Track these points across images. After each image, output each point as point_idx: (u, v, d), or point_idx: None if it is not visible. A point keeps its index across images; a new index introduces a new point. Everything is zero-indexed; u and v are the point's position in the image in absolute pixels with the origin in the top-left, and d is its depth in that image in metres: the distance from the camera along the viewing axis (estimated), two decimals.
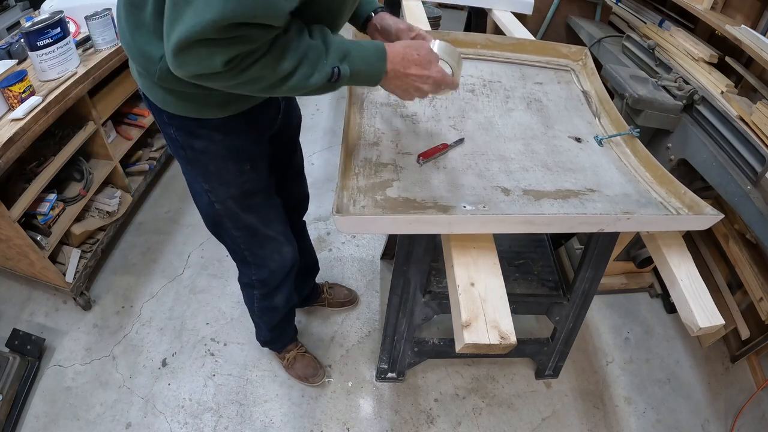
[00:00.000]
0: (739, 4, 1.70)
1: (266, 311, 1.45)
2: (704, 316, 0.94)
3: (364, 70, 0.84)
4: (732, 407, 1.75)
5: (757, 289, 1.61)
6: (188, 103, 0.93)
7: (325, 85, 0.80)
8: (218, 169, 1.05)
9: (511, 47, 1.51)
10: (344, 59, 0.80)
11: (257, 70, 0.72)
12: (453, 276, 0.90)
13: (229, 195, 1.10)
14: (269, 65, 0.73)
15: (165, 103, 0.94)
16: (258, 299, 1.40)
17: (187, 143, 1.00)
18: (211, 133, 0.99)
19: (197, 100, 0.93)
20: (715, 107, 1.43)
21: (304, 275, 1.71)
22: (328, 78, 0.78)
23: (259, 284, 1.34)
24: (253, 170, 1.10)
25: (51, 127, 1.50)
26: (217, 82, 0.73)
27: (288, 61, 0.74)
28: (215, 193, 1.10)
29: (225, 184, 1.08)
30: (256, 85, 0.75)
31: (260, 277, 1.32)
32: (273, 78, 0.74)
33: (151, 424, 1.54)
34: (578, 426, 1.65)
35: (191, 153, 1.02)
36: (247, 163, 1.08)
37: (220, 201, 1.11)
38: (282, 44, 0.73)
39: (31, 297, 1.88)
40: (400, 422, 1.60)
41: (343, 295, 1.90)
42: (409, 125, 1.18)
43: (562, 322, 1.50)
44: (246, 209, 1.15)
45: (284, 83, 0.76)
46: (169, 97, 0.93)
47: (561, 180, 1.09)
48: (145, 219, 2.23)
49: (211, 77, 0.71)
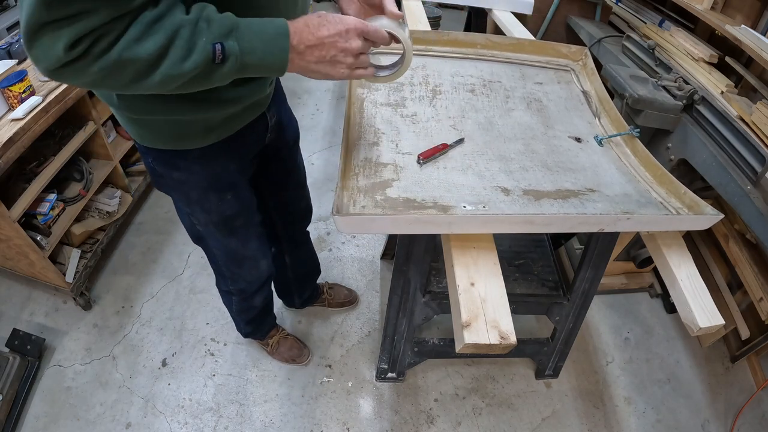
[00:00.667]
0: (739, 4, 1.69)
1: (244, 311, 1.49)
2: (704, 316, 0.93)
3: (260, 49, 0.67)
4: (732, 407, 1.75)
5: (757, 289, 1.61)
6: (164, 134, 0.88)
7: (208, 69, 0.64)
8: (199, 197, 1.03)
9: (511, 47, 1.51)
10: (230, 35, 0.64)
11: (116, 54, 0.58)
12: (453, 276, 0.90)
13: (210, 221, 1.09)
14: (129, 47, 0.59)
15: (141, 137, 0.90)
16: (236, 303, 1.44)
17: (167, 173, 0.97)
18: (191, 164, 0.95)
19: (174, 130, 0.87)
20: (715, 107, 1.43)
21: (306, 279, 1.72)
22: (209, 58, 0.63)
23: (238, 292, 1.37)
24: (235, 198, 1.07)
25: (51, 127, 1.50)
26: (78, 77, 0.60)
27: (152, 41, 0.60)
28: (196, 216, 1.09)
29: (206, 211, 1.07)
30: (122, 76, 0.61)
31: (238, 287, 1.35)
32: (139, 64, 0.60)
33: (151, 424, 1.54)
34: (578, 426, 1.65)
35: (171, 181, 0.99)
36: (229, 192, 1.05)
37: (201, 224, 1.11)
38: (144, 21, 0.59)
39: (31, 297, 1.88)
40: (400, 422, 1.60)
41: (343, 296, 1.91)
42: (409, 125, 1.18)
43: (562, 322, 1.50)
44: (226, 234, 1.14)
45: (154, 70, 0.62)
46: (143, 130, 0.88)
47: (561, 180, 1.09)
48: (145, 219, 2.23)
49: (68, 70, 0.58)
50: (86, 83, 0.62)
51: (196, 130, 0.89)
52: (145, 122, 0.86)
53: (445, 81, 1.36)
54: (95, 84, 0.62)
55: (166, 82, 0.64)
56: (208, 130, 0.90)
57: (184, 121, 0.86)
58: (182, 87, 0.66)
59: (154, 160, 0.95)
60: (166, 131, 0.88)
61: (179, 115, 0.83)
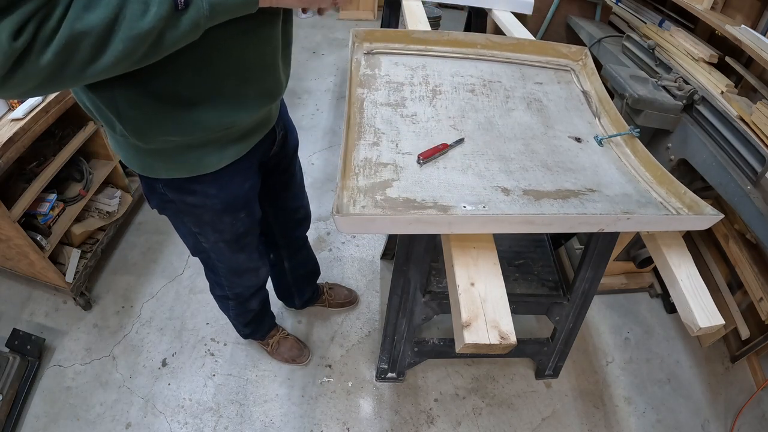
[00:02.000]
0: (739, 4, 1.69)
1: (241, 315, 1.49)
2: (704, 316, 0.93)
3: None
4: (732, 407, 1.75)
5: (757, 289, 1.61)
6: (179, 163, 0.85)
7: (174, 20, 0.58)
8: (212, 219, 1.01)
9: (511, 47, 1.51)
10: None
11: (67, 30, 0.51)
12: (453, 276, 0.90)
13: (221, 239, 1.08)
14: (79, 17, 0.52)
15: (155, 171, 0.86)
16: (233, 307, 1.44)
17: (179, 198, 0.94)
18: (206, 188, 0.92)
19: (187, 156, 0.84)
20: (715, 107, 1.43)
21: (306, 281, 1.72)
22: (171, 6, 0.56)
23: (234, 296, 1.37)
24: (248, 215, 1.07)
25: (51, 127, 1.50)
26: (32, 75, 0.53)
27: (103, 3, 0.53)
28: (205, 236, 1.07)
29: (218, 231, 1.05)
30: (80, 56, 0.54)
31: (235, 292, 1.35)
32: (94, 36, 0.53)
33: (151, 424, 1.54)
34: (578, 426, 1.65)
35: (183, 206, 0.96)
36: (243, 211, 1.04)
37: (209, 242, 1.09)
38: None
39: (31, 297, 1.88)
40: (400, 422, 1.60)
41: (343, 296, 1.91)
42: (409, 125, 1.18)
43: (562, 322, 1.50)
44: (236, 251, 1.14)
45: (113, 37, 0.54)
46: (158, 163, 0.85)
47: (561, 180, 1.09)
48: (145, 219, 2.23)
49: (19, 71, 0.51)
50: (43, 82, 0.54)
51: (210, 153, 0.86)
52: (157, 152, 0.83)
53: (445, 81, 1.36)
54: (53, 81, 0.55)
55: (130, 49, 0.56)
56: (220, 152, 0.88)
57: (196, 145, 0.84)
58: (151, 51, 0.59)
59: (164, 187, 0.92)
60: (179, 159, 0.85)
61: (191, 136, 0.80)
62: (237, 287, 1.32)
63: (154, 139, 0.78)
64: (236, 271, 1.24)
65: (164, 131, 0.78)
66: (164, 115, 0.75)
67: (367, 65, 1.38)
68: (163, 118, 0.76)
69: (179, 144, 0.82)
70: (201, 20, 0.60)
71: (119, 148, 0.88)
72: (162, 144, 0.81)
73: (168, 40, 0.59)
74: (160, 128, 0.77)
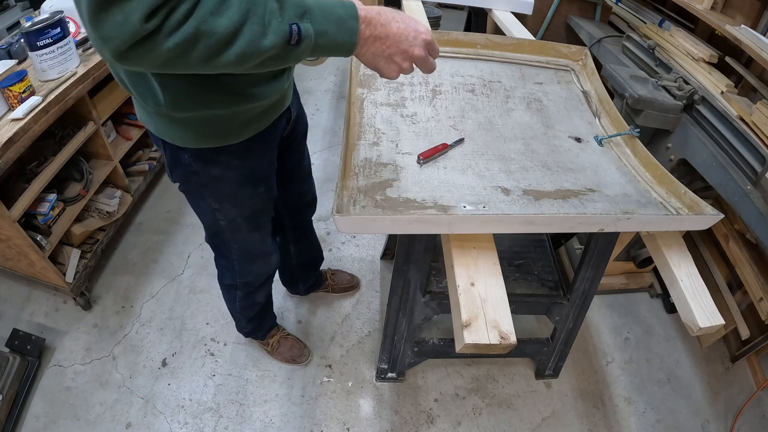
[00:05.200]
0: (739, 4, 1.69)
1: (246, 307, 1.49)
2: (704, 316, 0.94)
3: (332, 31, 0.67)
4: (732, 407, 1.75)
5: (757, 289, 1.61)
6: (207, 133, 0.90)
7: (284, 50, 0.64)
8: (233, 192, 1.04)
9: (511, 47, 1.51)
10: (304, 16, 0.64)
11: (192, 27, 0.57)
12: (453, 276, 0.90)
13: (239, 214, 1.10)
14: (206, 20, 0.57)
15: (184, 140, 0.91)
16: (240, 298, 1.43)
17: (203, 170, 0.98)
18: (230, 159, 0.97)
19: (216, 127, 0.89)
20: (715, 107, 1.43)
21: (310, 267, 1.76)
22: (286, 39, 0.63)
23: (243, 285, 1.37)
24: (266, 191, 1.11)
25: (51, 127, 1.49)
26: (149, 57, 0.58)
27: (227, 15, 0.58)
28: (224, 212, 1.09)
29: (237, 206, 1.08)
30: (194, 53, 0.59)
31: (245, 280, 1.35)
32: (213, 40, 0.59)
33: (151, 424, 1.54)
34: (578, 426, 1.65)
35: (206, 178, 1.00)
36: (262, 185, 1.08)
37: (227, 219, 1.11)
38: None
39: (31, 297, 1.88)
40: (400, 422, 1.60)
41: (346, 281, 1.93)
42: (409, 125, 1.18)
43: (562, 322, 1.50)
44: (253, 228, 1.16)
45: (231, 45, 0.60)
46: (187, 133, 0.89)
47: (561, 180, 1.09)
48: (145, 219, 2.23)
49: (140, 49, 0.56)
50: (155, 64, 0.59)
51: (236, 125, 0.91)
52: (188, 121, 0.87)
53: (445, 81, 1.36)
54: (165, 64, 0.60)
55: (240, 61, 0.62)
56: (245, 125, 0.92)
57: (226, 117, 0.88)
58: (257, 66, 0.65)
59: (191, 158, 0.95)
60: (208, 129, 0.89)
61: (222, 110, 0.84)
62: (248, 275, 1.32)
63: (190, 110, 0.82)
64: (249, 254, 1.25)
65: (204, 103, 0.81)
66: (207, 88, 0.79)
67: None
68: (205, 91, 0.80)
69: (209, 116, 0.86)
70: (303, 54, 0.67)
71: (149, 119, 0.91)
72: (194, 115, 0.85)
73: (269, 64, 0.66)
74: (200, 100, 0.81)
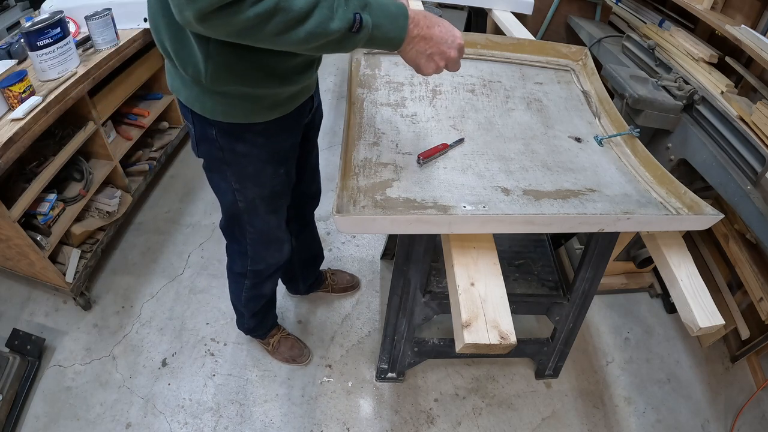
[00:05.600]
0: (739, 4, 1.69)
1: (252, 299, 1.48)
2: (704, 316, 0.94)
3: (386, 25, 0.76)
4: (732, 407, 1.75)
5: (757, 289, 1.61)
6: (237, 108, 0.92)
7: (345, 35, 0.72)
8: (256, 171, 1.06)
9: (511, 47, 1.51)
10: (365, 8, 0.73)
11: (272, 2, 0.64)
12: (453, 276, 0.90)
13: (259, 195, 1.11)
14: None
15: (214, 113, 0.93)
16: (247, 288, 1.42)
17: (229, 146, 1.00)
18: (256, 137, 0.99)
19: (247, 104, 0.92)
20: (715, 107, 1.43)
21: (310, 264, 1.76)
22: (349, 25, 0.71)
23: (252, 274, 1.36)
24: (286, 174, 1.12)
25: (51, 127, 1.50)
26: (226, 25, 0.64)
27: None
28: (244, 192, 1.10)
29: (258, 185, 1.09)
30: (269, 27, 0.66)
31: (255, 268, 1.34)
32: (289, 17, 0.66)
33: (151, 424, 1.54)
34: (578, 426, 1.65)
35: (230, 155, 1.02)
36: (283, 166, 1.09)
37: (246, 200, 1.12)
38: None
39: (31, 297, 1.88)
40: (400, 422, 1.60)
41: (346, 281, 1.94)
42: (409, 125, 1.18)
43: (562, 322, 1.50)
44: (271, 211, 1.17)
45: (302, 24, 0.67)
46: (218, 106, 0.92)
47: (561, 180, 1.09)
48: (145, 219, 2.23)
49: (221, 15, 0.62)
50: (230, 31, 0.65)
51: (265, 105, 0.94)
52: (223, 95, 0.89)
53: (445, 81, 1.36)
54: (239, 34, 0.66)
55: (307, 40, 0.69)
56: (274, 106, 0.95)
57: (258, 96, 0.91)
58: (317, 48, 0.72)
59: (219, 132, 0.97)
60: (239, 105, 0.92)
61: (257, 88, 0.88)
62: (260, 261, 1.32)
63: (228, 84, 0.85)
64: (265, 238, 1.25)
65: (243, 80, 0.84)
66: (252, 65, 0.83)
67: (367, 65, 1.38)
68: (249, 68, 0.83)
69: (243, 93, 0.89)
70: (359, 43, 0.75)
71: (183, 87, 0.93)
72: (229, 90, 0.87)
73: (328, 48, 0.73)
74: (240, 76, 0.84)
